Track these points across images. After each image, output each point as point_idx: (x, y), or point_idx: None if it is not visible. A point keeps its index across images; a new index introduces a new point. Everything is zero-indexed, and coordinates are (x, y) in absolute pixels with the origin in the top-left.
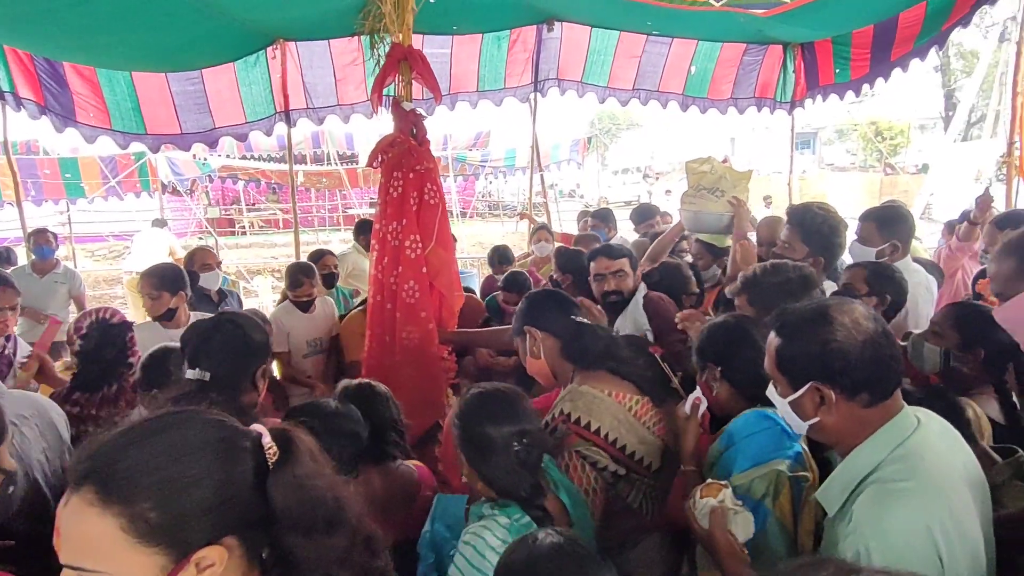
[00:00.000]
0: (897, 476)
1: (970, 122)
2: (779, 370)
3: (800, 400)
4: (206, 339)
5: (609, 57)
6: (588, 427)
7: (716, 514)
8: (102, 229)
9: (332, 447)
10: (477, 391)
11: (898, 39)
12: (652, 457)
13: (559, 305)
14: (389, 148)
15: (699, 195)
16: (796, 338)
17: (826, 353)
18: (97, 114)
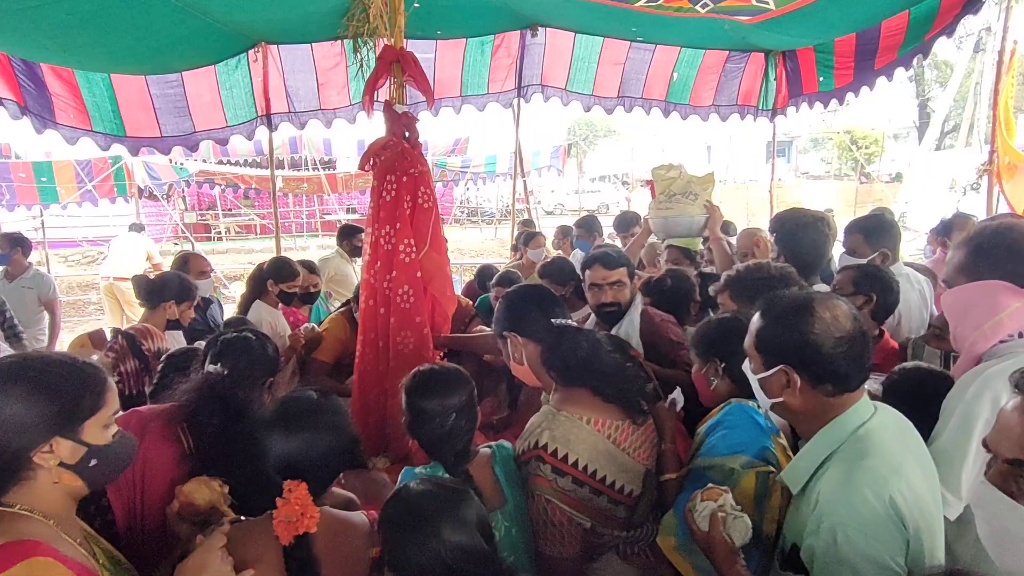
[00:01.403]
0: (858, 455)
1: (944, 132)
2: (756, 348)
3: (769, 379)
4: (229, 344)
5: (593, 64)
6: (566, 459)
7: (715, 518)
8: (76, 234)
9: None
10: (423, 369)
11: (881, 48)
12: (633, 484)
13: (539, 306)
14: (381, 151)
15: (673, 200)
16: (777, 322)
17: (802, 342)
18: (77, 115)
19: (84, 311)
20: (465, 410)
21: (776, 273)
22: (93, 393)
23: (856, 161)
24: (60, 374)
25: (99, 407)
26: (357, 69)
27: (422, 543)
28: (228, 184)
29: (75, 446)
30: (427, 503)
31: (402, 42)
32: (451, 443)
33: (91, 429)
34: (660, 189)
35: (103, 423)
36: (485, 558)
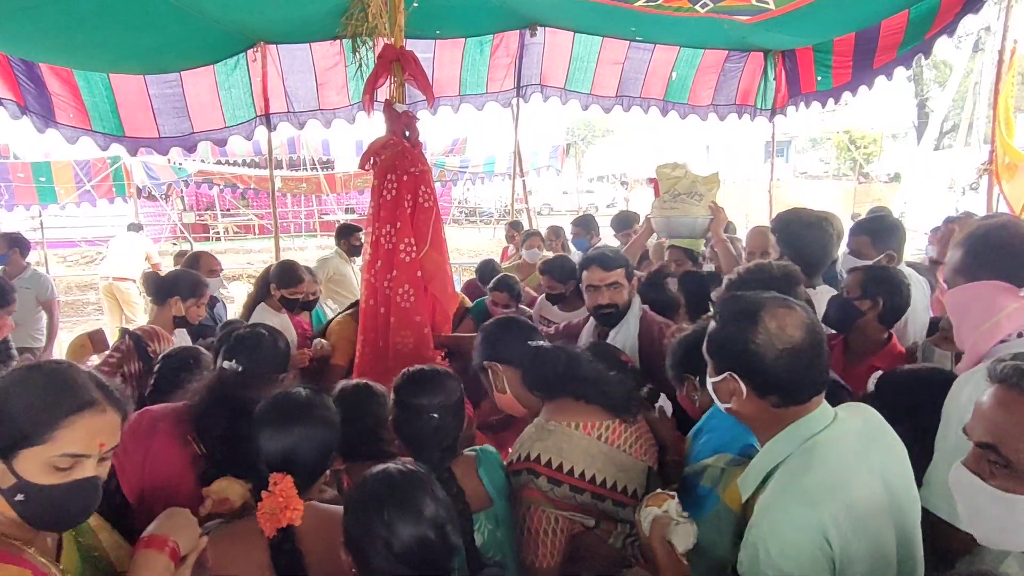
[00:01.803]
0: (799, 470)
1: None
2: (708, 352)
3: (719, 384)
4: (242, 339)
5: (592, 63)
6: (560, 468)
7: (657, 523)
8: (74, 234)
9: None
10: (411, 368)
11: (880, 47)
12: (635, 483)
13: (514, 333)
14: (382, 150)
15: (677, 200)
16: (725, 328)
17: (743, 351)
18: (77, 115)
19: (83, 311)
20: (451, 409)
21: (779, 273)
22: (38, 423)
23: (855, 161)
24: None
25: (39, 440)
26: (356, 69)
27: (367, 526)
28: (227, 184)
29: (5, 471)
30: (379, 487)
31: (402, 41)
32: (436, 441)
33: (27, 462)
34: (664, 188)
35: (45, 460)
36: (432, 550)
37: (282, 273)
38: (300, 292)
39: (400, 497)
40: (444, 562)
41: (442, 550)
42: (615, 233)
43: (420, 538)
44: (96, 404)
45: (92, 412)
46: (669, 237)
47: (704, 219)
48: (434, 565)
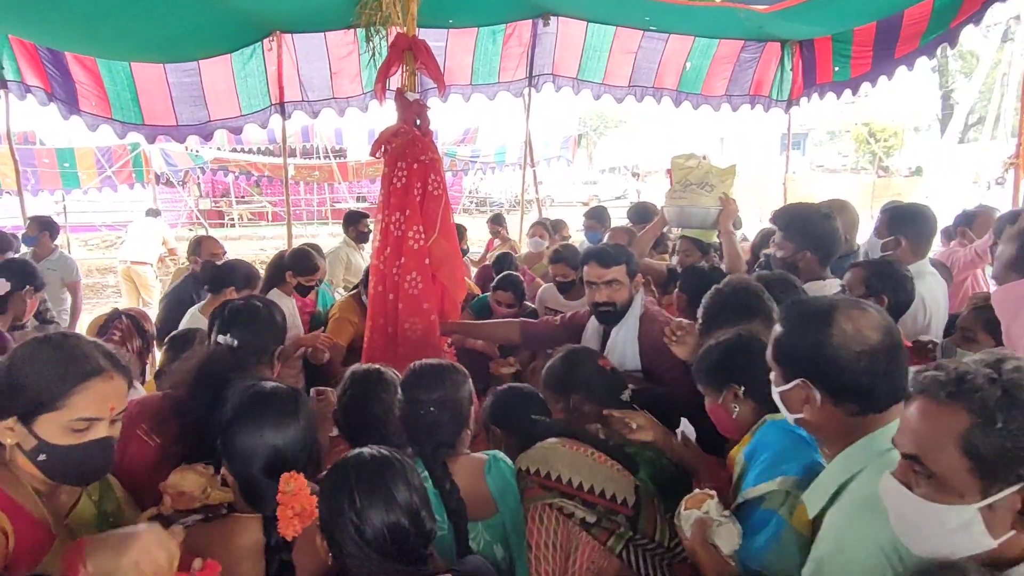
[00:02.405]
0: (869, 488)
1: (968, 124)
2: (775, 360)
3: (789, 393)
4: (237, 312)
5: (605, 53)
6: (548, 477)
7: (698, 526)
8: (95, 219)
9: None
10: (420, 363)
11: (903, 36)
12: (625, 493)
13: (523, 406)
14: (392, 138)
15: (688, 190)
16: (795, 332)
17: (817, 354)
18: (99, 103)
19: (102, 293)
20: (449, 405)
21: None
22: (54, 391)
23: (873, 154)
24: (38, 359)
25: (57, 406)
26: (369, 58)
27: (338, 507)
28: (242, 171)
29: (26, 434)
30: (350, 471)
31: (415, 30)
32: (430, 435)
33: (46, 425)
34: (677, 178)
35: (62, 423)
36: (402, 540)
37: (299, 260)
38: (316, 279)
39: (370, 481)
40: (417, 548)
41: (415, 536)
42: (632, 225)
43: (390, 523)
44: (104, 371)
45: (101, 379)
46: (680, 227)
47: (714, 210)
48: (406, 551)
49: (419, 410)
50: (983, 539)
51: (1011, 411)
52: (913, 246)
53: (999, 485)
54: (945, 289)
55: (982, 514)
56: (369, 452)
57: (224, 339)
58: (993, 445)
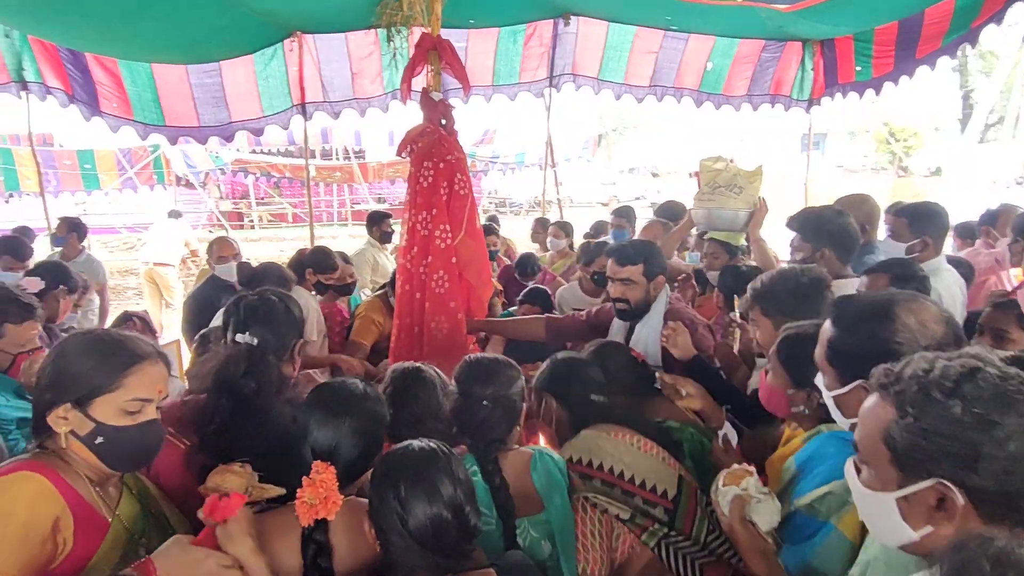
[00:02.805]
0: None
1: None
2: (829, 362)
3: (845, 397)
4: (254, 308)
5: (625, 53)
6: (591, 465)
7: (736, 503)
8: (115, 221)
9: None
10: (474, 357)
11: (924, 36)
12: (666, 484)
13: (581, 383)
14: (419, 138)
15: (716, 192)
16: (852, 332)
17: (883, 352)
18: (120, 104)
19: (123, 295)
20: (502, 401)
21: (806, 279)
22: (109, 374)
23: (893, 154)
24: (89, 348)
25: (111, 388)
26: (391, 58)
27: (385, 498)
28: (262, 173)
29: (83, 419)
30: (399, 461)
31: (439, 30)
32: (483, 431)
33: (102, 407)
34: (705, 180)
35: (118, 405)
36: (444, 534)
37: (318, 259)
38: (334, 277)
39: (416, 473)
40: (459, 542)
41: (458, 530)
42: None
43: (433, 515)
44: (152, 355)
45: (151, 362)
46: (709, 229)
47: (744, 212)
48: (448, 544)
49: (473, 405)
50: (904, 530)
51: (924, 408)
52: (936, 244)
53: (913, 479)
54: (963, 285)
55: (899, 505)
56: (418, 445)
57: (243, 338)
58: (906, 439)
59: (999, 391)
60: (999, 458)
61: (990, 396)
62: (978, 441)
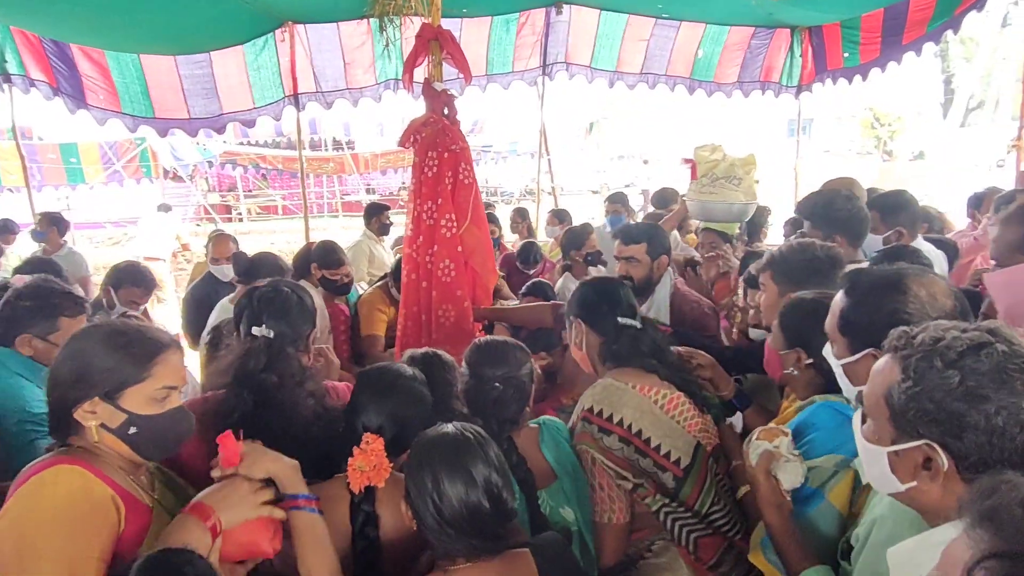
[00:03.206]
0: None
1: (969, 108)
2: (840, 331)
3: (855, 365)
4: (269, 300)
5: (617, 41)
6: (611, 419)
7: (765, 457)
8: (100, 216)
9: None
10: (484, 340)
11: (909, 23)
12: (681, 452)
13: (609, 304)
14: (422, 128)
15: (716, 184)
16: (865, 302)
17: (893, 322)
18: (107, 96)
19: None
20: (513, 382)
21: (823, 255)
22: (138, 363)
23: (878, 139)
24: (112, 340)
25: (142, 378)
26: (383, 48)
27: (420, 483)
28: (252, 165)
29: (114, 411)
30: (434, 446)
31: (439, 20)
32: (495, 411)
33: (133, 397)
34: (703, 171)
35: (148, 394)
36: (479, 517)
37: (325, 253)
38: (339, 274)
39: (451, 461)
40: (496, 526)
41: (495, 514)
42: (656, 210)
43: (470, 504)
44: (173, 343)
45: (173, 350)
46: (704, 220)
47: (751, 205)
48: (485, 528)
49: (485, 386)
50: (893, 481)
51: (924, 375)
52: (911, 233)
53: (905, 438)
54: (943, 266)
55: (889, 458)
56: (452, 429)
57: (259, 331)
58: (902, 401)
59: (999, 367)
60: (984, 430)
61: (987, 371)
62: (966, 412)
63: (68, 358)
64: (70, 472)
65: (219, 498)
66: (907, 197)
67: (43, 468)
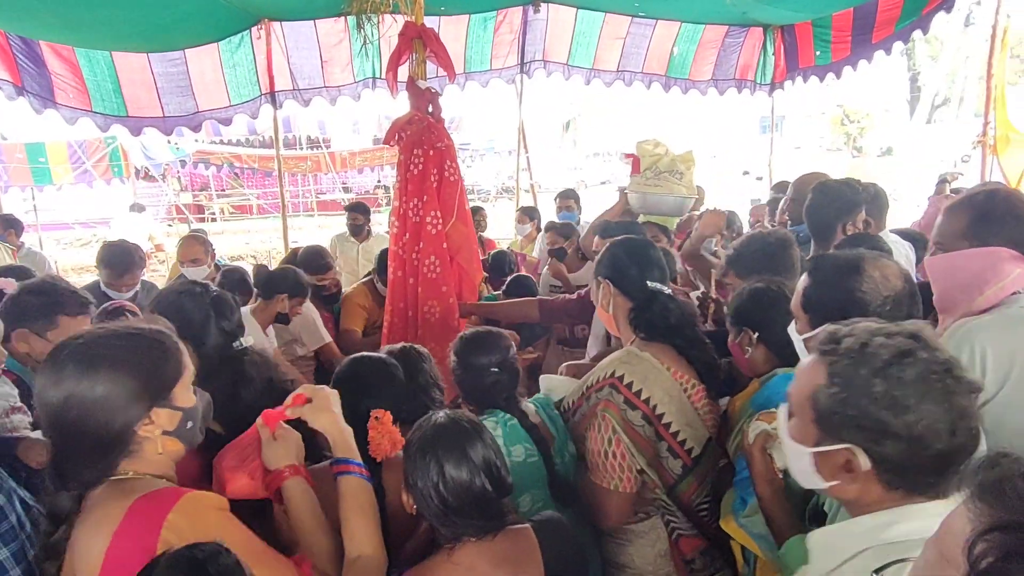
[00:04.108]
0: None
1: (934, 105)
2: (803, 308)
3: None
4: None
5: (594, 39)
6: (639, 394)
7: (763, 436)
8: (67, 217)
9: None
10: (469, 331)
11: (878, 22)
12: (695, 442)
13: (638, 265)
14: (407, 126)
15: (660, 178)
16: (825, 282)
17: (849, 300)
18: (77, 95)
19: None
20: (507, 364)
21: (772, 239)
22: (174, 359)
23: (848, 136)
24: (141, 347)
25: (181, 371)
26: (361, 46)
27: (424, 470)
28: (226, 163)
29: (172, 412)
30: (436, 434)
31: (423, 18)
32: (494, 394)
33: (180, 393)
34: (646, 165)
35: (187, 384)
36: (482, 499)
37: (311, 259)
38: (328, 279)
39: (451, 445)
40: (496, 503)
41: (495, 492)
42: None
43: (472, 483)
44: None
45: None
46: (646, 213)
47: (690, 200)
48: (488, 507)
49: (480, 373)
50: (816, 479)
51: (850, 381)
52: (878, 223)
53: (828, 440)
54: (911, 257)
55: (814, 458)
56: (447, 419)
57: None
58: (828, 405)
59: (921, 376)
60: (905, 438)
61: (911, 380)
62: (889, 421)
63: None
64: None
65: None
66: (875, 189)
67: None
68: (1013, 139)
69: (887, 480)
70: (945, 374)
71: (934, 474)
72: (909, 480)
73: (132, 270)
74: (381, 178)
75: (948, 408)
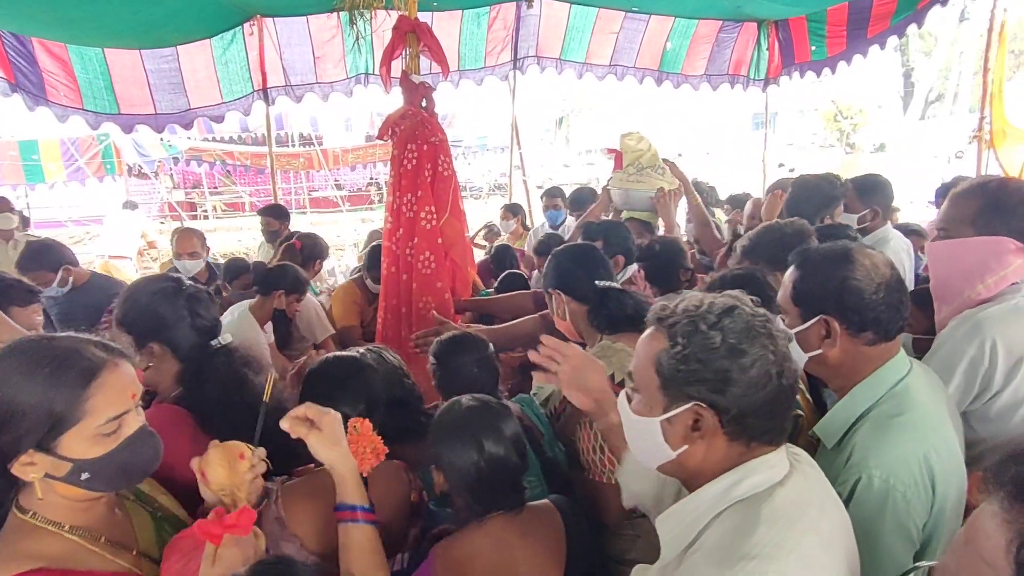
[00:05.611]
0: (895, 411)
1: (928, 101)
2: (793, 301)
3: (807, 332)
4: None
5: (587, 34)
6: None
7: None
8: (60, 215)
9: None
10: (446, 335)
11: (874, 16)
12: None
13: (584, 269)
14: (401, 121)
15: (643, 174)
16: (816, 273)
17: (843, 289)
18: (68, 93)
19: None
20: (484, 363)
21: (789, 230)
22: (68, 401)
23: (841, 132)
24: (27, 371)
25: (78, 418)
26: (354, 41)
27: (463, 449)
28: (219, 161)
29: (56, 461)
30: (472, 415)
31: (416, 12)
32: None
33: (74, 443)
34: (629, 160)
35: (91, 434)
36: (513, 469)
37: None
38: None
39: (487, 423)
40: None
41: (520, 465)
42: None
43: (507, 457)
44: (108, 361)
45: (109, 370)
46: (629, 209)
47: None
48: (516, 479)
49: (461, 373)
50: (665, 450)
51: (691, 338)
52: (884, 213)
53: (676, 403)
54: (911, 251)
55: (663, 427)
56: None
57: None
58: (672, 365)
59: (749, 325)
60: (741, 382)
61: (741, 329)
62: (728, 367)
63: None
64: None
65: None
66: (882, 180)
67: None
68: (1009, 133)
69: (730, 432)
70: (766, 322)
71: (767, 418)
72: (748, 428)
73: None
74: (374, 175)
75: (774, 350)
